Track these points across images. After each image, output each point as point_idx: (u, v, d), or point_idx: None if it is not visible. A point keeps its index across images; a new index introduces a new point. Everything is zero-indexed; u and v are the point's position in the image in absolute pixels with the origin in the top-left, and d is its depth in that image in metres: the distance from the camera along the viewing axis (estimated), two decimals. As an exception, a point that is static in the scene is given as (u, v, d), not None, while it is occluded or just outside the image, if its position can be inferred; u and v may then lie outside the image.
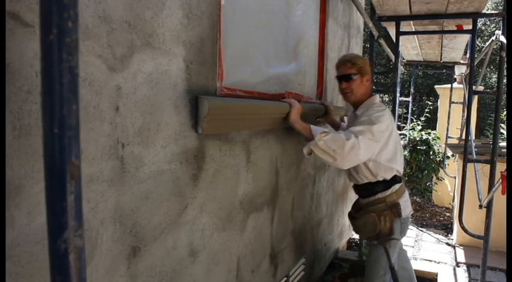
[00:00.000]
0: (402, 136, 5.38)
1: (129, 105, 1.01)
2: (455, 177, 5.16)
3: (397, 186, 2.00)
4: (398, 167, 2.00)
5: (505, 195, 2.49)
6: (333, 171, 3.10)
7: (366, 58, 2.11)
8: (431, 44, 4.27)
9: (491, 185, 2.77)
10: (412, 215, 2.11)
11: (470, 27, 3.03)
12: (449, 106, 5.87)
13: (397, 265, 2.06)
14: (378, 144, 1.85)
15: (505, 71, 2.71)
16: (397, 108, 4.35)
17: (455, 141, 5.17)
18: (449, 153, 5.71)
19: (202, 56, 1.30)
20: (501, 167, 2.80)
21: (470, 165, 3.14)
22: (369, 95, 2.03)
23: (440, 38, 3.96)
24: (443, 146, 5.62)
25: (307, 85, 2.42)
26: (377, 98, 2.05)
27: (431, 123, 7.69)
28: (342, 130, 2.31)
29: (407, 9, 2.87)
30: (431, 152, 5.33)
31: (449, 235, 4.64)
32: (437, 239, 4.47)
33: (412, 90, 6.21)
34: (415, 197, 6.04)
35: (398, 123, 7.23)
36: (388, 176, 1.97)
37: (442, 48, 4.46)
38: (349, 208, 3.88)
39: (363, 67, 1.98)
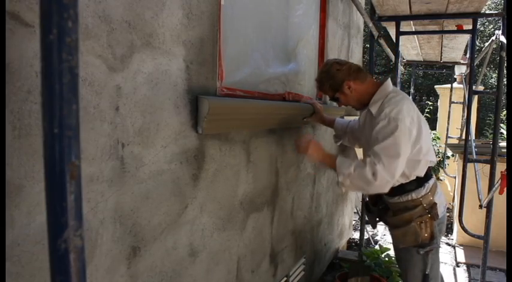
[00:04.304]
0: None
1: (129, 105, 1.01)
2: (455, 177, 5.17)
3: (431, 183, 1.78)
4: (432, 158, 1.77)
5: (504, 195, 2.49)
6: (333, 172, 3.10)
7: (331, 64, 1.80)
8: (431, 44, 4.27)
9: (491, 185, 2.77)
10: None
11: (470, 27, 3.03)
12: (449, 106, 5.87)
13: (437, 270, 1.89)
14: (406, 146, 1.61)
15: (505, 71, 2.71)
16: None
17: (455, 141, 5.17)
18: (449, 153, 5.71)
19: (202, 56, 1.30)
20: (501, 167, 2.80)
21: (470, 165, 3.14)
22: (371, 89, 1.76)
23: (440, 38, 3.95)
24: (443, 146, 5.63)
25: (307, 85, 2.42)
26: (388, 86, 1.76)
27: (431, 123, 7.68)
28: (339, 126, 2.18)
29: (407, 9, 2.86)
30: (431, 152, 5.31)
31: (449, 235, 4.64)
32: (437, 239, 4.47)
33: (412, 90, 6.21)
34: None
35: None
36: (422, 172, 1.75)
37: (442, 48, 4.45)
38: (349, 208, 3.90)
39: (333, 82, 1.76)
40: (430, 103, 6.84)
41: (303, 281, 2.55)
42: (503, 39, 2.73)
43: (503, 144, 3.80)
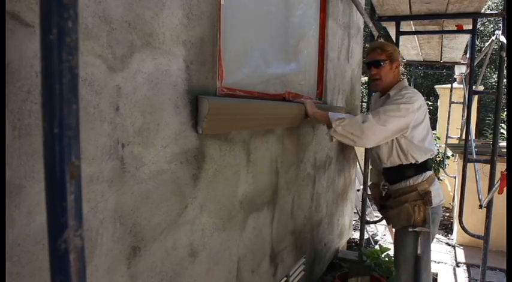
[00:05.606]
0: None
1: (129, 105, 1.01)
2: (455, 177, 5.16)
3: (428, 174, 2.01)
4: (432, 147, 2.02)
5: (504, 194, 2.49)
6: (333, 171, 3.11)
7: (395, 47, 2.21)
8: (431, 44, 4.27)
9: (491, 185, 2.77)
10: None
11: (470, 27, 3.03)
12: (449, 106, 5.87)
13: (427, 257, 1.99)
14: (405, 119, 1.87)
15: (505, 71, 2.71)
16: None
17: (455, 141, 5.17)
18: (449, 153, 5.72)
19: (202, 56, 1.30)
20: (501, 167, 2.80)
21: (470, 165, 3.14)
22: (397, 80, 2.08)
23: (440, 38, 3.96)
24: (443, 146, 5.63)
25: (307, 85, 2.42)
26: (405, 82, 2.09)
27: (431, 123, 7.69)
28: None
29: (407, 9, 2.87)
30: (431, 152, 5.31)
31: (449, 235, 4.64)
32: (437, 238, 4.47)
33: (412, 90, 6.20)
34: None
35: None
36: (420, 158, 1.98)
37: (442, 48, 4.46)
38: (349, 208, 3.90)
39: (393, 53, 2.03)
40: (430, 103, 6.84)
41: (303, 281, 2.55)
42: (503, 39, 2.73)
43: (503, 144, 3.80)
